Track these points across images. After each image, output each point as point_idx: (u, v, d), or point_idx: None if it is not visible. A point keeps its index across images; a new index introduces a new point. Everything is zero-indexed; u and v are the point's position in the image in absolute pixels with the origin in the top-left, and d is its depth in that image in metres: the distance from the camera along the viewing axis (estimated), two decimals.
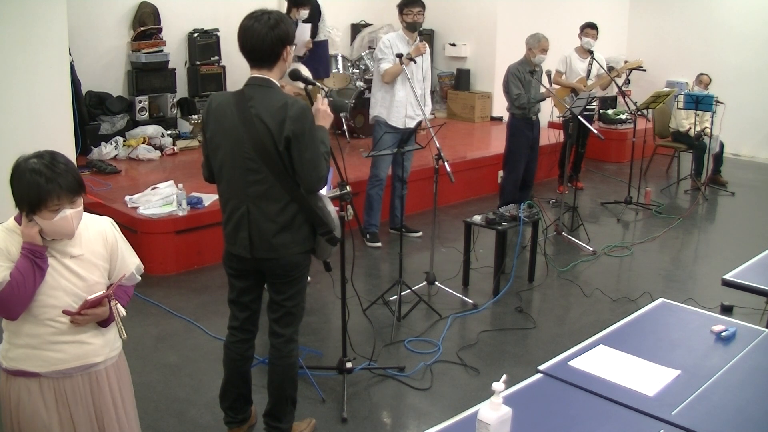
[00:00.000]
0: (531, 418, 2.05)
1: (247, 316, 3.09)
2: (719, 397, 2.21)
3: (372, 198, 5.83)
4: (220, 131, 2.82)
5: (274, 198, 2.81)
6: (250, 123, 2.73)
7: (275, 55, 2.78)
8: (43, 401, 2.21)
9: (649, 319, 2.83)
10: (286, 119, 2.70)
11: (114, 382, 2.36)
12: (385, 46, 5.59)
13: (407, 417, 3.53)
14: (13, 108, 5.37)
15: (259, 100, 2.75)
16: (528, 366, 3.81)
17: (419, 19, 5.55)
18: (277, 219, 2.83)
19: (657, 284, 5.28)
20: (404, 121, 5.63)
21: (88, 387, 2.28)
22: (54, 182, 2.06)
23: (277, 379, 3.07)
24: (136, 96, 7.31)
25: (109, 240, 2.32)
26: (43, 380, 2.21)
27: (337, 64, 8.12)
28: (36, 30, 5.41)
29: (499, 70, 7.92)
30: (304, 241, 2.93)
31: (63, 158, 2.14)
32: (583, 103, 6.28)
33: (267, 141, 2.73)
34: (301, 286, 3.02)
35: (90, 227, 2.28)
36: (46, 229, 2.12)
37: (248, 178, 2.80)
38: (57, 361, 2.20)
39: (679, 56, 10.71)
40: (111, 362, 2.35)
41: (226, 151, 2.81)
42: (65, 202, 2.10)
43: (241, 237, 2.87)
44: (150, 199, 5.37)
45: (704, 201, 7.76)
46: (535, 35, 6.09)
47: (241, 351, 3.12)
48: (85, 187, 2.19)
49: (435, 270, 4.98)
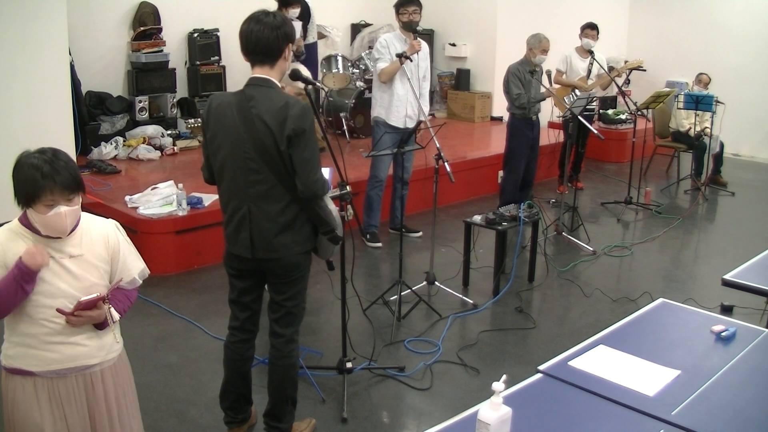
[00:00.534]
0: (531, 418, 2.05)
1: (247, 316, 3.09)
2: (719, 397, 2.21)
3: (372, 199, 5.83)
4: (221, 132, 2.82)
5: (275, 198, 2.81)
6: (251, 123, 2.73)
7: (279, 52, 2.79)
8: (36, 400, 2.21)
9: (649, 319, 2.83)
10: (288, 118, 2.70)
11: (110, 385, 2.34)
12: (382, 46, 5.58)
13: (407, 417, 3.53)
14: (13, 108, 5.38)
15: (260, 100, 2.75)
16: (528, 366, 3.81)
17: (415, 18, 5.51)
18: (278, 219, 2.83)
19: (657, 284, 5.28)
20: (404, 121, 5.62)
21: (82, 388, 2.27)
22: (50, 178, 2.07)
23: (277, 379, 3.07)
24: (136, 96, 7.31)
25: (111, 242, 2.32)
26: (37, 379, 2.21)
27: (337, 64, 8.12)
28: (36, 30, 5.41)
29: (499, 70, 7.92)
30: (305, 241, 2.93)
31: (65, 156, 2.15)
32: (583, 103, 6.29)
33: (268, 141, 2.73)
34: (301, 287, 3.02)
35: (92, 228, 2.29)
36: (40, 223, 2.13)
37: (249, 179, 2.80)
38: (51, 361, 2.20)
39: (679, 56, 10.71)
40: (108, 365, 2.34)
41: (227, 152, 2.81)
42: (60, 198, 2.10)
43: (242, 237, 2.87)
44: (150, 199, 5.37)
45: (704, 201, 7.76)
46: (536, 35, 6.09)
47: (242, 351, 3.12)
48: (84, 187, 2.19)
49: (435, 270, 4.98)
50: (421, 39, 5.57)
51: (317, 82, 6.56)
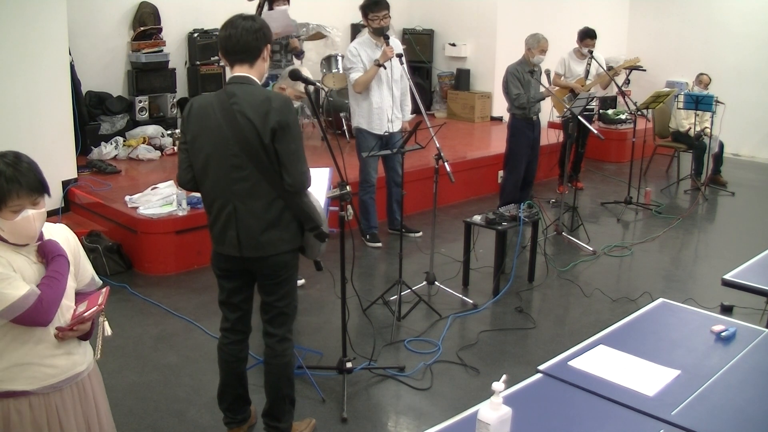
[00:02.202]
0: (531, 418, 2.05)
1: (238, 317, 3.09)
2: (719, 397, 2.20)
3: (366, 203, 5.80)
4: (203, 132, 2.80)
5: (259, 195, 2.80)
6: (233, 120, 2.74)
7: (258, 51, 2.82)
8: (33, 420, 2.14)
9: (649, 319, 2.83)
10: (270, 111, 2.71)
11: (96, 386, 2.34)
12: (353, 55, 5.47)
13: (407, 417, 3.53)
14: (13, 108, 5.38)
15: (241, 96, 2.76)
16: (528, 366, 3.81)
17: (386, 22, 5.39)
18: (264, 216, 2.82)
19: (657, 284, 5.28)
20: (387, 127, 5.54)
21: (77, 397, 2.24)
22: (14, 181, 2.02)
23: (272, 378, 3.08)
24: (136, 96, 7.31)
25: (71, 243, 2.27)
26: (32, 398, 2.14)
27: (337, 64, 8.12)
28: (36, 30, 5.41)
29: (499, 70, 7.90)
30: (292, 239, 2.91)
31: (26, 158, 2.10)
32: (583, 103, 6.29)
33: (251, 136, 2.73)
34: (291, 286, 3.01)
35: (53, 233, 2.25)
36: (8, 231, 2.06)
37: (233, 176, 2.79)
38: (47, 376, 2.15)
39: (679, 56, 10.71)
40: (91, 367, 2.32)
41: (210, 151, 2.80)
42: (26, 202, 2.05)
43: (229, 236, 2.87)
44: (150, 199, 5.37)
45: (704, 201, 7.76)
46: (535, 35, 6.09)
47: (235, 352, 3.12)
48: (48, 189, 2.14)
49: (435, 270, 4.98)
50: (390, 37, 5.37)
51: (317, 82, 6.53)
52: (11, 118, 5.33)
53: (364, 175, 5.72)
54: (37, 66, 5.47)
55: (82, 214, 5.80)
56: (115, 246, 5.21)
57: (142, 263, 5.22)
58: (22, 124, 5.39)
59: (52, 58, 5.59)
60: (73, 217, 5.81)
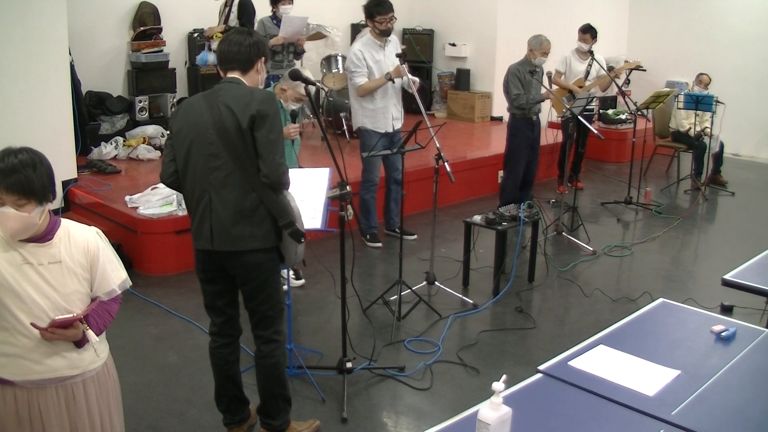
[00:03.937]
0: (531, 418, 2.05)
1: (224, 321, 3.10)
2: (719, 397, 2.20)
3: (367, 202, 5.80)
4: (187, 124, 2.86)
5: (233, 185, 2.81)
6: (215, 109, 2.80)
7: (250, 63, 2.90)
8: (16, 412, 2.15)
9: (649, 319, 2.83)
10: (252, 101, 2.77)
11: (92, 396, 2.29)
12: (357, 59, 5.46)
13: (407, 417, 3.53)
14: (13, 108, 5.38)
15: (228, 91, 2.83)
16: (528, 366, 3.81)
17: (392, 24, 5.44)
18: (236, 207, 2.82)
19: (657, 284, 5.28)
20: (392, 125, 5.60)
21: (63, 400, 2.22)
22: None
23: (261, 378, 3.10)
24: (136, 96, 7.31)
25: (91, 250, 2.27)
26: (17, 390, 2.16)
27: (337, 64, 8.11)
28: (36, 30, 5.41)
29: (499, 70, 7.92)
30: (264, 237, 2.88)
31: (29, 160, 2.10)
32: (583, 104, 6.28)
33: (229, 123, 2.77)
34: (271, 289, 2.99)
35: (72, 235, 2.25)
36: None
37: (209, 165, 2.82)
38: (30, 371, 2.15)
39: (679, 56, 10.70)
40: (90, 375, 2.28)
41: (191, 140, 2.84)
42: (8, 200, 2.06)
43: (204, 229, 2.88)
44: (150, 199, 5.37)
45: (704, 201, 7.76)
46: (538, 37, 6.08)
47: (224, 355, 3.13)
48: (48, 199, 2.15)
49: (435, 270, 4.98)
50: (390, 36, 5.46)
51: (317, 82, 6.52)
52: (11, 118, 5.33)
53: (367, 174, 5.73)
54: (37, 66, 5.47)
55: (82, 214, 5.80)
56: (115, 246, 5.19)
57: (142, 263, 5.22)
58: (22, 124, 5.39)
59: (52, 58, 5.59)
60: (73, 217, 5.75)
